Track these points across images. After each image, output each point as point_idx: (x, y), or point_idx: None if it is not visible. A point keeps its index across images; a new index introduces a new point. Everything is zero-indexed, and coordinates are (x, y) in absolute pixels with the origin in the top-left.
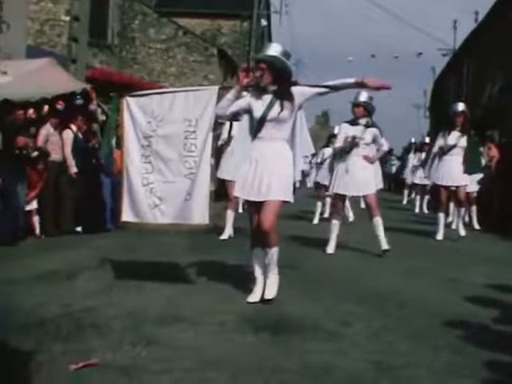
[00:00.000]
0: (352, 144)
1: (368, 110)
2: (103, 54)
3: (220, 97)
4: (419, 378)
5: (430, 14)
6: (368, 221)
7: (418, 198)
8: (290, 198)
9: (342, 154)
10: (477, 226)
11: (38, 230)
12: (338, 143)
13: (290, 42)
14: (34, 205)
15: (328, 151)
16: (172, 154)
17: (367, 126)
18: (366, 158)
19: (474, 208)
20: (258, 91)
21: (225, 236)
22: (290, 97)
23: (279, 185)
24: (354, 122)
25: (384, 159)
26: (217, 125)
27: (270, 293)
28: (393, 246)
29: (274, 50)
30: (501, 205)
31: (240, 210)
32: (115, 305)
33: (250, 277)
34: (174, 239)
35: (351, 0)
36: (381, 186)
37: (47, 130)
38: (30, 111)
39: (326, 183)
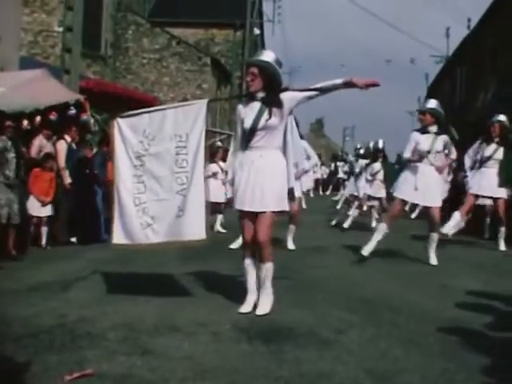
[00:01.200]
0: (421, 157)
1: (436, 116)
2: (97, 64)
3: (210, 109)
4: None
5: (423, 21)
6: (362, 229)
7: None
8: (284, 207)
9: (410, 162)
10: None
11: (44, 241)
12: (407, 153)
13: (283, 51)
14: (47, 211)
15: (377, 166)
16: (164, 172)
17: (438, 133)
18: (437, 169)
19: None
20: (247, 99)
21: (235, 245)
22: (279, 104)
23: (273, 195)
24: (423, 131)
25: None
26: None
27: (262, 310)
28: (388, 252)
29: (267, 56)
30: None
31: None
32: (110, 315)
33: (244, 287)
34: (168, 249)
35: (344, 8)
36: (445, 195)
37: (40, 140)
38: (25, 122)
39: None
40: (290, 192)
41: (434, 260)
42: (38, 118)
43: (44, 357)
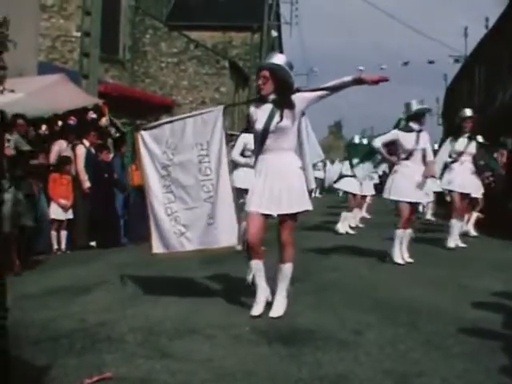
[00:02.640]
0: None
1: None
2: (115, 68)
3: (227, 113)
4: None
5: (441, 21)
6: (378, 229)
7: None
8: (307, 206)
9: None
10: (474, 233)
11: (63, 245)
12: (382, 139)
13: (300, 53)
14: (68, 214)
15: None
16: (190, 180)
17: (419, 131)
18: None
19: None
20: (260, 102)
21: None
22: (290, 105)
23: (292, 197)
24: (409, 129)
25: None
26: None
27: (277, 312)
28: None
29: (278, 59)
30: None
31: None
32: (129, 319)
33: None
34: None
35: (361, 9)
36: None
37: (60, 145)
38: (43, 127)
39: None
40: (310, 193)
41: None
42: (59, 124)
43: (63, 360)
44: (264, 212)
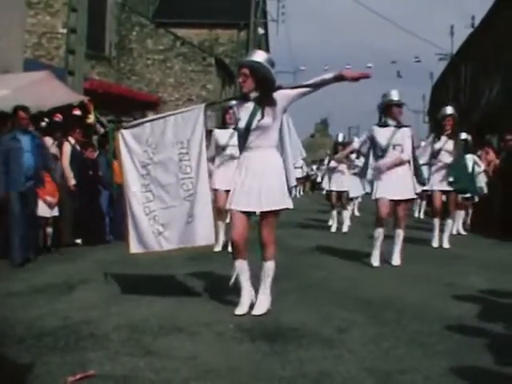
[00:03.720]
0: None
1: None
2: (101, 65)
3: (213, 110)
4: (416, 383)
5: (427, 20)
6: (366, 227)
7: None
8: (287, 205)
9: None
10: (463, 232)
11: (49, 242)
12: (361, 139)
13: (287, 51)
14: (54, 212)
15: None
16: (170, 179)
17: (399, 126)
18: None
19: (463, 212)
20: (241, 99)
21: (218, 248)
22: (272, 103)
23: (273, 195)
24: (383, 124)
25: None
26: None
27: (259, 311)
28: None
29: (258, 56)
30: (501, 209)
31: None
32: (113, 316)
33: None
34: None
35: (348, 7)
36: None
37: (45, 142)
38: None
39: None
40: (291, 190)
41: (397, 259)
42: (45, 121)
43: (47, 358)
44: (243, 209)
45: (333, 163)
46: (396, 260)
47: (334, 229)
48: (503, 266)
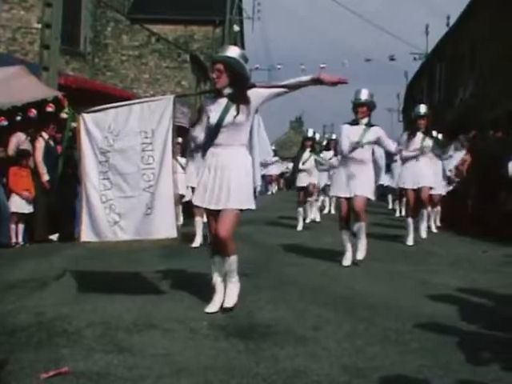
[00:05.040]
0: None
1: (371, 108)
2: (76, 61)
3: (188, 106)
4: (389, 381)
5: (403, 19)
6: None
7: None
8: (250, 205)
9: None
10: (434, 229)
11: (20, 238)
12: (344, 144)
13: (262, 48)
14: (30, 208)
15: (306, 155)
16: (130, 168)
17: (369, 125)
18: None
19: (436, 210)
20: (214, 95)
21: (196, 244)
22: (245, 100)
23: (238, 193)
24: (354, 122)
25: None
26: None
27: (231, 301)
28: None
29: (232, 51)
30: (474, 207)
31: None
32: (87, 313)
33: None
34: (146, 247)
35: (323, 5)
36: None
37: (18, 138)
38: (1, 118)
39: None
40: (256, 190)
41: (361, 253)
42: (19, 117)
43: (20, 355)
44: (207, 206)
45: (304, 159)
46: (360, 254)
47: (300, 227)
48: (475, 264)
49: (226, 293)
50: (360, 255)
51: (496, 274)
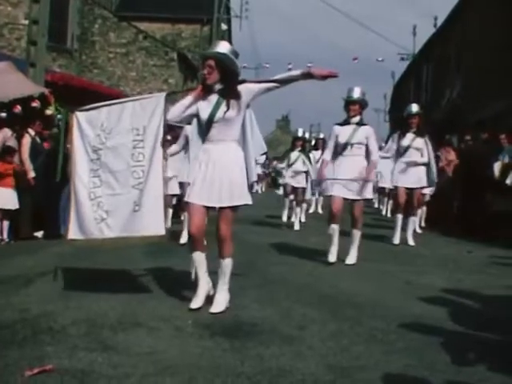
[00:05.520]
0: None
1: (363, 107)
2: (63, 58)
3: (168, 103)
4: (375, 380)
5: (391, 19)
6: (325, 225)
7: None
8: (247, 200)
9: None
10: (418, 230)
11: (6, 235)
12: (328, 149)
13: (250, 47)
14: (14, 204)
15: (294, 155)
16: (120, 165)
17: (360, 124)
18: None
19: (421, 210)
20: (205, 91)
21: (184, 240)
22: (236, 96)
23: (233, 189)
24: (345, 122)
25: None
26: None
27: (218, 308)
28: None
29: (222, 47)
30: (460, 208)
31: None
32: (72, 310)
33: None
34: (133, 244)
35: (311, 5)
36: None
37: (4, 133)
38: None
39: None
40: (252, 186)
41: (352, 258)
42: (4, 113)
43: (4, 352)
44: (204, 204)
45: (292, 159)
46: (350, 259)
47: (284, 217)
48: (461, 264)
49: (215, 298)
50: (351, 260)
51: (481, 275)
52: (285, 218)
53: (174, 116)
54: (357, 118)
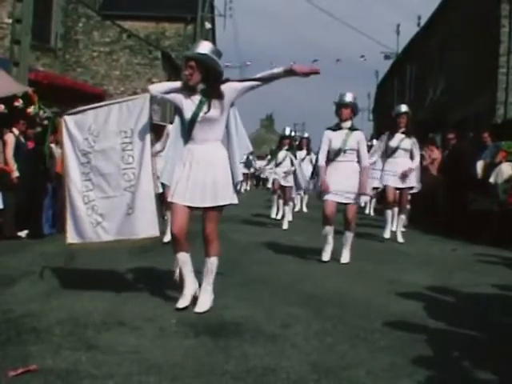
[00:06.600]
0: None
1: (354, 111)
2: (46, 57)
3: (153, 102)
4: (359, 379)
5: (374, 18)
6: (314, 223)
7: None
8: (232, 200)
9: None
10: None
11: None
12: (322, 153)
13: (234, 46)
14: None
15: (282, 154)
16: (111, 169)
17: (352, 129)
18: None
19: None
20: (188, 91)
21: (167, 238)
22: (219, 95)
23: (217, 189)
24: (336, 127)
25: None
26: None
27: (201, 308)
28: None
29: (204, 47)
30: (444, 206)
31: None
32: (56, 310)
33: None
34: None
35: (295, 3)
36: None
37: None
38: None
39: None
40: (237, 185)
41: (346, 258)
42: None
43: None
44: (187, 204)
45: (280, 159)
46: (345, 258)
47: (273, 214)
48: (445, 262)
49: (199, 299)
50: (345, 259)
51: (465, 273)
52: (273, 215)
53: (157, 91)
54: (348, 123)
